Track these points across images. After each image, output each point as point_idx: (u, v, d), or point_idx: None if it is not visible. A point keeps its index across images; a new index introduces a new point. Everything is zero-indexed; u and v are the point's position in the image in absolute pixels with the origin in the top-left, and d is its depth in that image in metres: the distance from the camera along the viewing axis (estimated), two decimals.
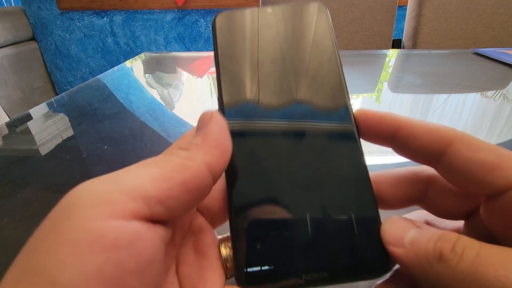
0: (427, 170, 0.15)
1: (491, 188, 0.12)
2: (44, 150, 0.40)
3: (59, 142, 0.41)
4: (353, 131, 0.16)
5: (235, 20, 0.18)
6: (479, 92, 0.55)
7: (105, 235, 0.10)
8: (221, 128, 0.14)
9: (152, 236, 0.11)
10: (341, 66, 0.17)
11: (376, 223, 0.14)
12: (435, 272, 0.11)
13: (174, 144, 0.15)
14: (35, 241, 0.10)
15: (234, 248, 0.14)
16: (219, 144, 0.14)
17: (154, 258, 0.11)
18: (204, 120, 0.14)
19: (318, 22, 0.18)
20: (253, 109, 0.16)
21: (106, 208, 0.10)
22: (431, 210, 0.15)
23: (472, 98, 0.53)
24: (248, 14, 0.18)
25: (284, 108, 0.16)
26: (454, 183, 0.14)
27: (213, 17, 0.18)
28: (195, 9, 1.70)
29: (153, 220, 0.12)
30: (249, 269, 0.14)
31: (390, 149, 0.16)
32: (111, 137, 0.42)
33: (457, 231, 0.15)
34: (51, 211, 0.11)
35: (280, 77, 0.17)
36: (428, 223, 0.16)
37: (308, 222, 0.14)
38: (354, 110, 0.16)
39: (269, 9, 0.18)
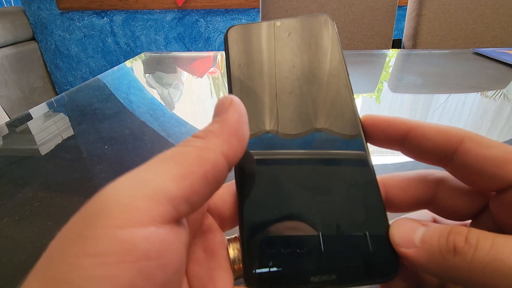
0: (436, 173, 0.15)
1: (503, 182, 0.12)
2: (44, 150, 0.40)
3: (59, 142, 0.41)
4: (360, 136, 0.16)
5: (246, 33, 0.19)
6: (479, 92, 0.55)
7: (136, 246, 0.09)
8: (240, 116, 0.14)
9: (178, 245, 0.11)
10: (348, 75, 0.17)
11: (384, 226, 0.14)
12: (451, 267, 0.11)
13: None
14: (59, 250, 0.10)
15: (243, 249, 0.14)
16: (237, 133, 0.13)
17: (180, 268, 0.11)
18: (222, 105, 0.14)
19: (325, 35, 0.18)
20: (262, 121, 0.16)
21: (134, 215, 0.10)
22: (439, 213, 0.15)
23: (472, 98, 0.53)
24: (259, 28, 0.19)
25: (294, 120, 0.16)
26: (466, 180, 0.14)
27: (226, 30, 0.19)
28: (195, 9, 1.70)
29: (179, 219, 0.11)
30: (258, 270, 0.14)
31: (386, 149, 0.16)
32: (111, 137, 0.42)
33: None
34: (72, 217, 0.10)
35: (290, 91, 0.17)
36: (435, 220, 0.17)
37: (317, 225, 0.14)
38: (360, 115, 0.16)
39: (278, 23, 0.19)
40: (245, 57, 0.18)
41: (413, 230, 0.13)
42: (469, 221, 0.15)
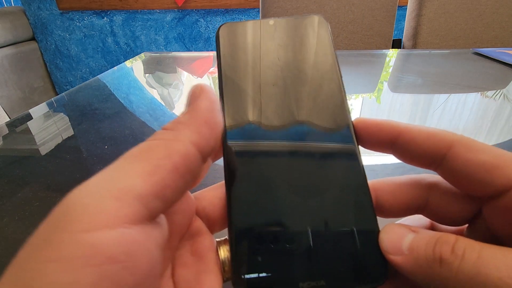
0: (428, 178, 0.15)
1: (492, 188, 0.12)
2: (44, 150, 0.40)
3: (59, 142, 0.41)
4: (352, 139, 0.16)
5: (238, 31, 0.18)
6: (479, 92, 0.55)
7: (100, 249, 0.09)
8: (211, 103, 0.13)
9: (149, 246, 0.11)
10: (341, 77, 0.17)
11: (374, 231, 0.14)
12: (437, 276, 0.11)
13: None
14: (25, 257, 0.09)
15: (232, 253, 0.14)
16: (208, 121, 0.13)
17: (151, 271, 0.11)
18: (193, 94, 0.14)
19: (318, 35, 0.18)
20: (254, 119, 0.16)
21: (101, 217, 0.10)
22: (433, 218, 0.15)
23: (472, 98, 0.53)
24: (251, 26, 0.18)
25: (284, 120, 0.16)
26: (457, 185, 0.14)
27: (217, 28, 0.18)
28: (195, 9, 1.70)
29: (152, 217, 0.11)
30: (246, 276, 0.13)
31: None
32: (111, 137, 0.42)
33: (460, 232, 0.15)
34: (41, 222, 0.10)
35: (280, 89, 0.17)
36: (432, 225, 0.16)
37: (306, 230, 0.14)
38: (353, 118, 0.16)
39: (271, 21, 0.19)
40: (236, 55, 0.18)
41: (402, 237, 0.13)
42: (466, 225, 0.15)
